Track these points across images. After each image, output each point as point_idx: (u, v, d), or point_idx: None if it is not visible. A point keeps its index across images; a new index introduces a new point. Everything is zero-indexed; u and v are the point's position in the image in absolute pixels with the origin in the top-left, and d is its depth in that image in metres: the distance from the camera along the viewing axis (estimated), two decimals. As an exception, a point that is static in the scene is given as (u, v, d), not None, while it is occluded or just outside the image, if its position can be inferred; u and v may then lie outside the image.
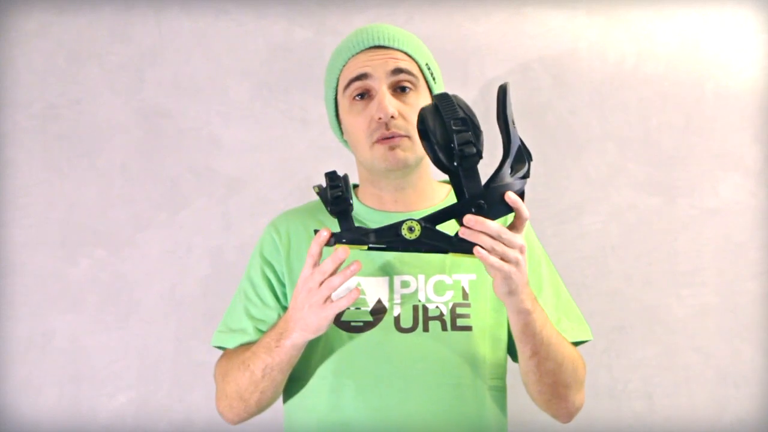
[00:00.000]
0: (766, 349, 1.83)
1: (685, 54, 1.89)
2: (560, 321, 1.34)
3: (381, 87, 1.28)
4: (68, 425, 1.81)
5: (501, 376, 1.35)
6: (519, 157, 1.13)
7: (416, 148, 1.30)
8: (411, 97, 1.30)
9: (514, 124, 1.14)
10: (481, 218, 1.10)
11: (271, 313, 1.34)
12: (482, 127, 1.12)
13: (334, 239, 1.12)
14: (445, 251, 1.10)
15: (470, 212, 1.09)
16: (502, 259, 1.12)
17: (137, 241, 1.86)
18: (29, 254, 1.84)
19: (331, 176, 1.17)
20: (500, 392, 1.34)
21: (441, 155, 1.11)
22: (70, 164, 1.87)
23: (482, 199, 1.09)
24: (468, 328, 1.29)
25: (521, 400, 1.47)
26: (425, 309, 1.29)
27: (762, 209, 1.86)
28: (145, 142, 1.87)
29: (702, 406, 1.83)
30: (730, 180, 1.87)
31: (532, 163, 1.15)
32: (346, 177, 1.18)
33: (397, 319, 1.28)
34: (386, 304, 1.29)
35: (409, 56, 1.32)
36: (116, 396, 1.82)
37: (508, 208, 1.11)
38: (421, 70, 1.33)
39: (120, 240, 1.85)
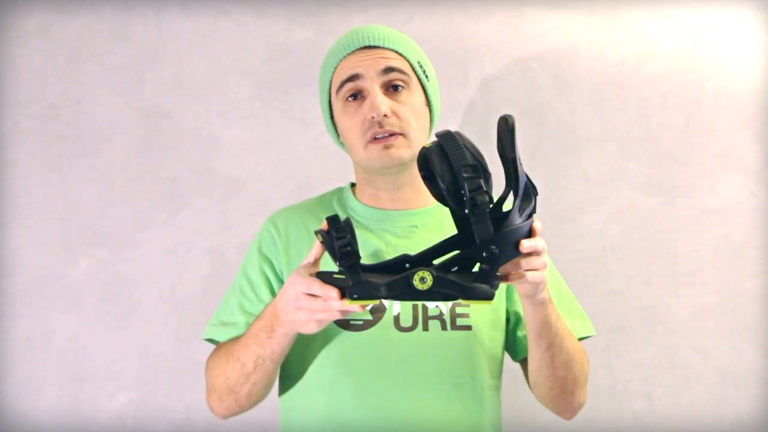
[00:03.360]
0: (766, 349, 1.83)
1: (685, 54, 1.89)
2: (563, 317, 1.34)
3: (373, 87, 1.29)
4: (68, 425, 1.81)
5: (498, 375, 1.35)
6: (526, 194, 1.09)
7: (412, 145, 1.30)
8: (404, 95, 1.31)
9: (520, 162, 1.08)
10: (536, 242, 1.08)
11: (265, 309, 1.34)
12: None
13: (346, 294, 1.07)
14: (458, 299, 1.07)
15: (482, 258, 1.05)
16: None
17: (137, 241, 1.86)
18: (29, 254, 1.84)
19: (335, 223, 1.07)
20: (497, 391, 1.35)
21: (450, 201, 1.07)
22: (70, 164, 1.87)
23: (494, 244, 1.04)
24: (467, 328, 1.29)
25: (521, 400, 1.47)
26: (425, 308, 1.29)
27: (762, 209, 1.86)
28: (145, 142, 1.87)
29: (702, 406, 1.83)
30: (730, 180, 1.87)
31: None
32: (349, 222, 1.08)
33: (396, 318, 1.28)
34: (386, 302, 1.29)
35: (400, 55, 1.32)
36: (116, 396, 1.82)
37: (518, 252, 1.07)
38: (413, 69, 1.33)
39: (120, 240, 1.85)
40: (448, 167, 1.05)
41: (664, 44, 1.89)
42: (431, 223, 1.34)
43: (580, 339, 1.37)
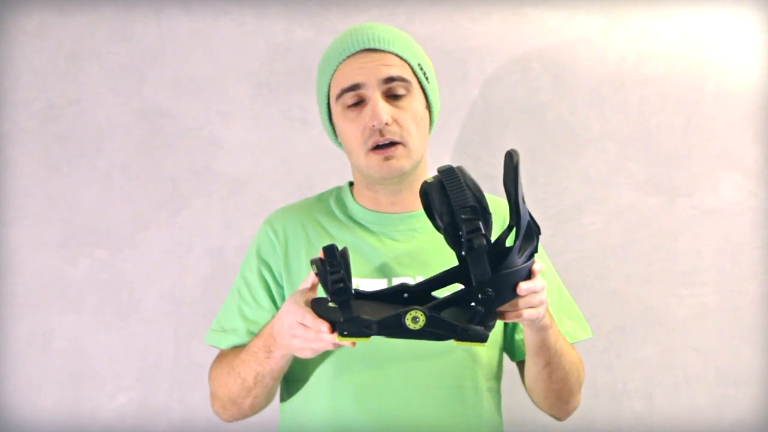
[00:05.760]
0: (766, 349, 1.83)
1: (685, 54, 1.89)
2: (561, 321, 1.35)
3: (374, 94, 1.27)
4: (68, 425, 1.81)
5: (498, 377, 1.35)
6: (528, 234, 1.07)
7: (411, 155, 1.29)
8: (405, 101, 1.29)
9: (524, 200, 1.06)
10: (534, 284, 1.07)
11: (265, 314, 1.33)
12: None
13: (336, 331, 1.07)
14: (450, 339, 1.06)
15: (477, 300, 1.04)
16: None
17: (137, 241, 1.85)
18: (29, 254, 1.84)
19: (330, 255, 1.05)
20: (497, 393, 1.35)
21: (448, 240, 1.05)
22: (70, 164, 1.87)
23: (491, 286, 1.03)
24: (467, 329, 1.29)
25: (521, 401, 1.47)
26: (424, 310, 1.29)
27: (762, 209, 1.86)
28: (145, 142, 1.87)
29: (702, 406, 1.83)
30: (730, 180, 1.87)
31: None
32: (345, 254, 1.07)
33: (397, 320, 1.28)
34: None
35: (401, 58, 1.30)
36: (116, 396, 1.82)
37: (516, 294, 1.06)
38: (414, 72, 1.31)
39: (120, 240, 1.85)
40: (447, 207, 1.04)
41: (664, 44, 1.89)
42: (431, 226, 1.33)
43: (577, 342, 1.38)
